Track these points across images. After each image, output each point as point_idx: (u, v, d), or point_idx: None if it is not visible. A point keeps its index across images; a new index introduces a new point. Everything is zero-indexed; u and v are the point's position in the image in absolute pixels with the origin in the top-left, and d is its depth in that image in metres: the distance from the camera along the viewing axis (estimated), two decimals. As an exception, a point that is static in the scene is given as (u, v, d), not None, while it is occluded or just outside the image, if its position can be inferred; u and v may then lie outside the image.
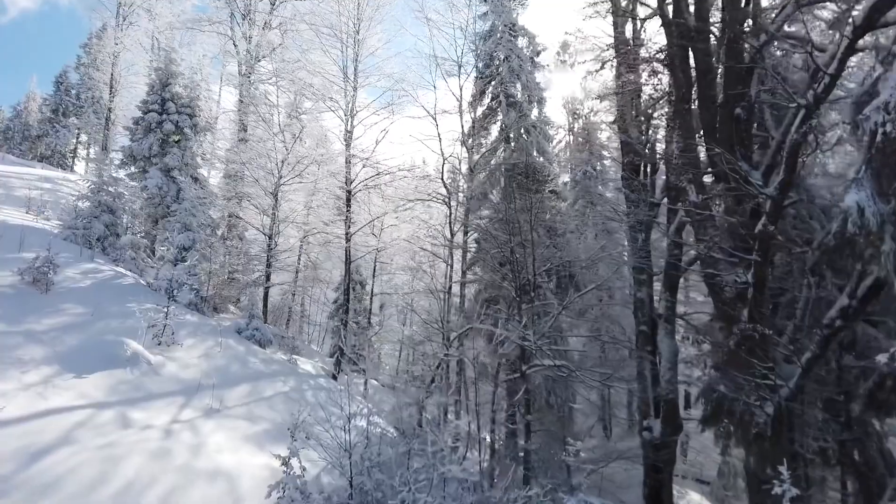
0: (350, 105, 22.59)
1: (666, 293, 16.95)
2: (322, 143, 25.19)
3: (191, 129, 25.25)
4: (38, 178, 32.78)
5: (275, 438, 12.08)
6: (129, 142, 25.75)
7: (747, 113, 11.27)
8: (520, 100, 24.95)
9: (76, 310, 14.21)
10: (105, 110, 33.63)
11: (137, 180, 24.49)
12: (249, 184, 24.08)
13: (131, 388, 11.51)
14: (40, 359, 11.14)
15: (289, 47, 27.17)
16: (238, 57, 28.33)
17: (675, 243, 16.75)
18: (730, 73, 10.74)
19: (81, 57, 57.59)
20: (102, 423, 9.74)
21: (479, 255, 21.74)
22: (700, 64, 11.15)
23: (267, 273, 22.81)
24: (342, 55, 23.00)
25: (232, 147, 25.72)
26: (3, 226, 18.30)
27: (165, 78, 25.42)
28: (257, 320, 19.13)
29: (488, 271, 20.09)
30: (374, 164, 22.95)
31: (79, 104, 56.56)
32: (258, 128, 24.94)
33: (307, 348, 25.17)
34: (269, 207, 23.05)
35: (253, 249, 24.99)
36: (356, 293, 27.98)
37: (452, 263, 22.17)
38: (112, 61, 34.28)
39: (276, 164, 22.61)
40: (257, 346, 18.63)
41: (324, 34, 22.98)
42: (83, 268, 17.20)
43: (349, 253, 22.31)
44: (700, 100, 11.20)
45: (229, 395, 13.42)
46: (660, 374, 17.08)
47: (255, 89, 27.07)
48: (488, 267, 20.17)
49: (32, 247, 16.47)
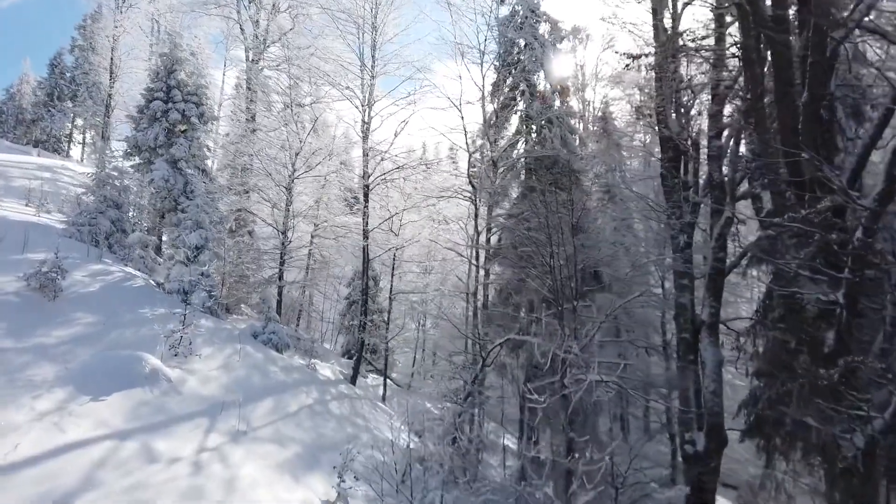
0: (367, 95, 21.36)
1: (710, 298, 15.96)
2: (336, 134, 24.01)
3: (198, 118, 24.03)
4: (37, 167, 31.66)
5: (308, 465, 11.19)
6: (132, 131, 24.52)
7: (829, 112, 10.29)
8: (543, 90, 23.84)
9: (87, 318, 13.21)
10: (105, 96, 32.25)
11: (142, 172, 23.33)
12: (261, 176, 22.89)
13: (152, 411, 10.53)
14: (52, 379, 10.15)
15: (300, 33, 25.73)
16: (245, 42, 26.95)
17: (718, 245, 15.76)
18: (815, 69, 9.69)
19: (76, 39, 55.88)
20: (126, 457, 8.76)
21: (503, 253, 20.71)
22: (779, 57, 10.11)
23: (280, 271, 21.74)
24: (358, 41, 21.74)
25: (237, 137, 24.32)
26: (4, 222, 17.23)
27: (170, 64, 24.11)
28: (273, 323, 18.14)
29: (517, 272, 19.09)
30: (393, 158, 21.77)
31: (74, 87, 54.99)
32: (270, 117, 23.68)
33: (321, 348, 24.16)
34: (281, 201, 21.91)
35: (264, 245, 23.81)
36: (371, 291, 26.92)
37: (479, 264, 21.04)
38: (111, 45, 32.85)
39: (289, 156, 21.43)
40: (274, 350, 17.67)
41: (340, 19, 21.67)
42: (91, 269, 16.16)
43: (367, 251, 21.18)
44: (779, 97, 10.18)
45: (254, 414, 12.46)
46: (703, 384, 16.16)
47: (267, 77, 25.76)
48: (516, 268, 19.18)
49: (37, 246, 15.45)
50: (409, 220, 23.38)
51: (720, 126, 15.83)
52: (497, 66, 24.03)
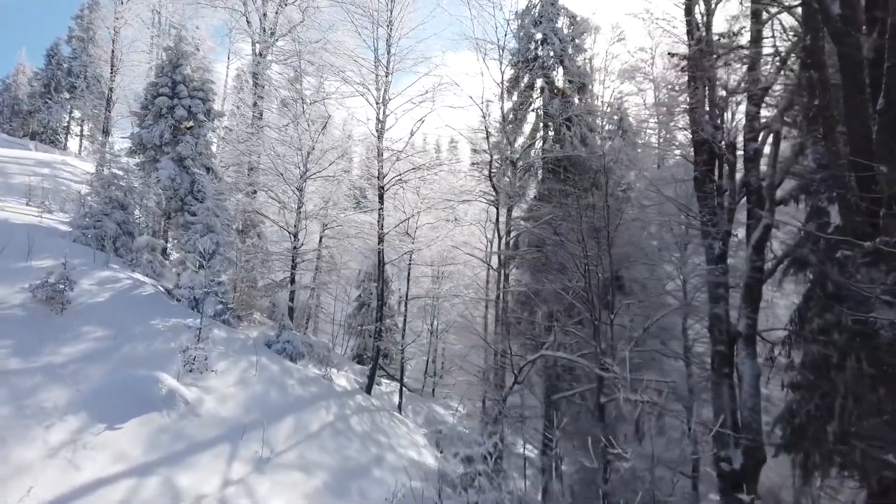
0: (383, 92, 20.49)
1: (747, 309, 15.29)
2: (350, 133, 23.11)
3: (204, 114, 23.16)
4: (35, 163, 30.83)
5: (337, 495, 10.53)
6: (136, 127, 23.65)
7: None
8: (562, 86, 23.02)
9: (97, 332, 12.45)
10: (105, 89, 31.19)
11: (146, 170, 22.49)
12: (270, 175, 22.01)
13: (172, 439, 9.81)
14: (65, 405, 9.42)
15: (309, 26, 24.77)
16: (252, 35, 26.02)
17: (756, 253, 15.07)
18: (894, 73, 8.92)
19: (73, 29, 54.81)
20: (149, 497, 8.04)
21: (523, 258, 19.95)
22: (849, 60, 9.35)
23: (292, 275, 20.91)
24: (373, 36, 20.85)
25: (245, 134, 23.39)
26: (6, 226, 16.45)
27: (176, 58, 23.17)
28: (287, 331, 17.38)
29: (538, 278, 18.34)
30: (409, 158, 20.87)
31: (71, 79, 54.00)
32: (277, 113, 22.75)
33: (334, 355, 23.35)
34: (291, 202, 21.08)
35: (274, 248, 22.95)
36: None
37: (500, 269, 20.18)
38: (112, 37, 31.81)
39: (301, 154, 20.59)
40: (289, 360, 16.93)
41: (354, 12, 20.74)
42: (98, 277, 15.37)
43: (382, 255, 20.33)
44: (848, 104, 9.43)
45: (275, 436, 11.75)
46: (740, 399, 15.50)
47: (279, 74, 24.84)
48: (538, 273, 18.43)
49: (42, 252, 14.71)
50: (423, 221, 22.54)
51: (757, 128, 15.13)
52: (515, 62, 23.18)
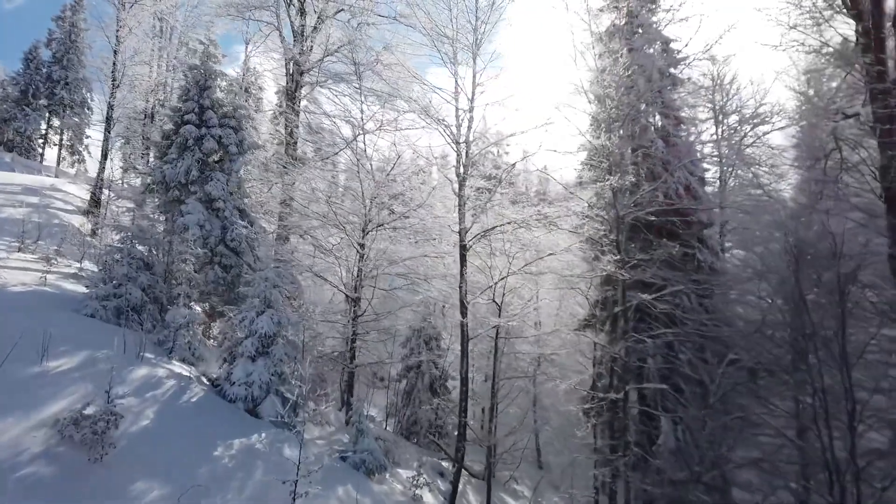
0: (466, 130, 16.91)
1: None
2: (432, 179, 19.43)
3: (236, 146, 19.40)
4: (22, 189, 26.68)
5: None
6: (155, 159, 19.85)
7: None
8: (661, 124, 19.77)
9: (152, 491, 8.68)
10: (106, 107, 27.07)
11: (170, 212, 18.66)
12: (316, 225, 18.22)
13: None
14: None
15: (359, 44, 20.99)
16: (288, 53, 22.21)
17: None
18: None
19: (54, 31, 50.58)
20: None
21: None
22: None
23: (352, 349, 17.09)
24: (451, 61, 17.27)
25: (288, 175, 19.54)
26: (6, 298, 12.68)
27: (203, 79, 19.38)
28: (366, 438, 13.64)
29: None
30: (498, 210, 17.19)
31: (51, 84, 49.73)
32: (342, 157, 18.98)
33: (400, 442, 19.12)
34: (350, 260, 17.33)
35: (329, 316, 18.79)
36: (432, 352, 22.32)
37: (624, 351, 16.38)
38: (114, 48, 27.62)
39: (363, 201, 16.90)
40: (367, 475, 13.24)
41: (432, 31, 17.09)
42: (134, 378, 11.55)
43: (466, 330, 16.39)
44: None
45: None
46: None
47: (329, 100, 21.03)
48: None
49: (59, 345, 10.93)
50: (511, 286, 18.50)
51: None
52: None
